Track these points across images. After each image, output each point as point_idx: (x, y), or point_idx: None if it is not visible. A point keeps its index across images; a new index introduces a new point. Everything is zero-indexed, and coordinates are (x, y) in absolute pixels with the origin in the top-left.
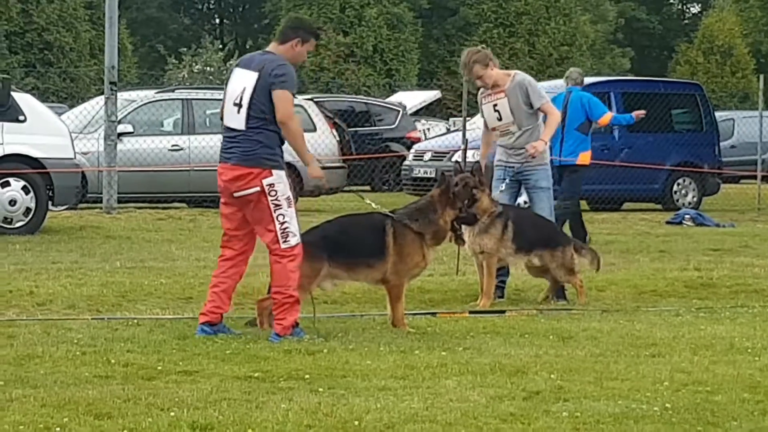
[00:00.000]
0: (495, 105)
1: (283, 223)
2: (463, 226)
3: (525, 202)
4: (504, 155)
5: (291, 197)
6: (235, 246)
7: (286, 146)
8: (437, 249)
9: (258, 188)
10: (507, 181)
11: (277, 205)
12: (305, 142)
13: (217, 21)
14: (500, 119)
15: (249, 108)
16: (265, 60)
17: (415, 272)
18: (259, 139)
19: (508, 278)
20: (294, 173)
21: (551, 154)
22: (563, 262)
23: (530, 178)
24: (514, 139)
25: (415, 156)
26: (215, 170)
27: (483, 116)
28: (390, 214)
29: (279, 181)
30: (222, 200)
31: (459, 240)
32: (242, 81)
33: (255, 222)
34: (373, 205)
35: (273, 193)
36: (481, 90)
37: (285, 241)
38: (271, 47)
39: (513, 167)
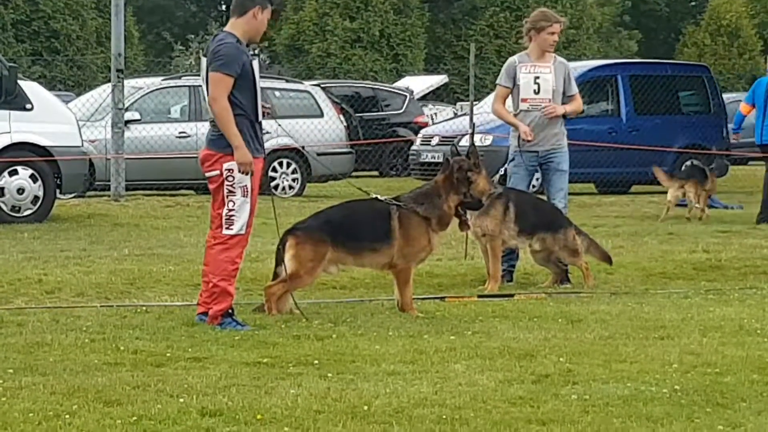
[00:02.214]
0: (537, 77)
1: (230, 210)
2: (468, 212)
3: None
4: (524, 143)
5: (248, 187)
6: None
7: (309, 133)
8: (444, 234)
9: (218, 171)
10: (525, 166)
11: (230, 191)
12: (232, 124)
13: (224, 7)
14: (537, 92)
15: (208, 94)
16: (211, 43)
17: (422, 257)
18: None
19: (517, 262)
20: (302, 159)
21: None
22: (566, 244)
23: (553, 160)
24: (541, 117)
25: (422, 141)
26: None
27: (510, 83)
28: (392, 201)
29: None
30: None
31: (464, 225)
32: (204, 68)
33: (219, 205)
34: (372, 194)
35: (230, 178)
36: (519, 58)
37: (227, 228)
38: (229, 25)
39: (534, 153)
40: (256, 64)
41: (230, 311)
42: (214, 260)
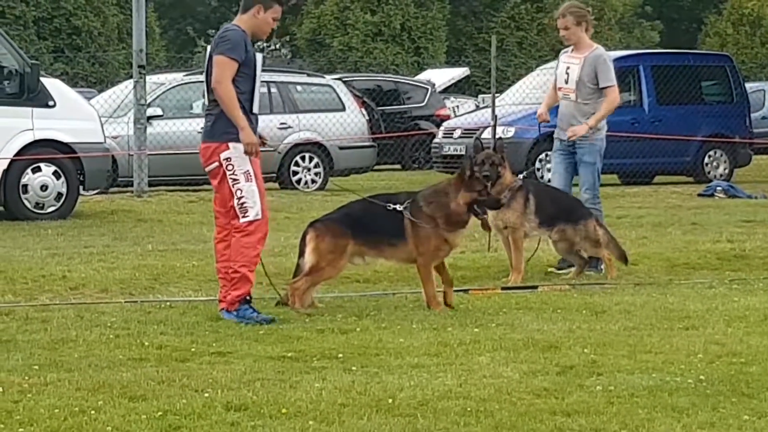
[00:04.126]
0: (568, 67)
1: (240, 198)
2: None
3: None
4: (559, 129)
5: (251, 171)
6: (223, 224)
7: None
8: (463, 232)
9: (217, 163)
10: (559, 152)
11: (234, 179)
12: (236, 107)
13: None
14: (567, 82)
15: (207, 84)
16: (217, 35)
17: (440, 255)
18: (217, 113)
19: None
20: (324, 153)
21: None
22: (587, 235)
23: (577, 151)
24: (570, 106)
25: (444, 133)
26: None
27: (556, 73)
28: (405, 204)
29: (236, 155)
30: None
31: (485, 226)
32: (207, 58)
33: (225, 198)
34: (358, 195)
35: (230, 167)
36: (566, 49)
37: (243, 216)
38: (236, 19)
39: (563, 140)
40: (260, 57)
41: (248, 298)
42: (235, 249)
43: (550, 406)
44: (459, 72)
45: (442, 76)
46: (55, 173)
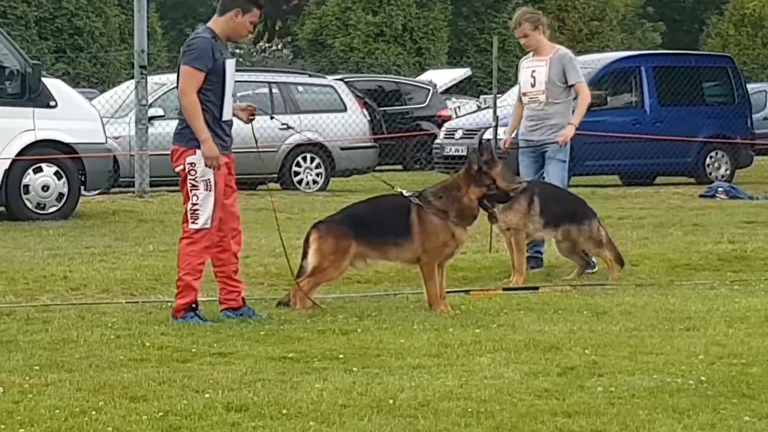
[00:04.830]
0: (533, 71)
1: (194, 204)
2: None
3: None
4: (526, 131)
5: (212, 180)
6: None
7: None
8: (469, 228)
9: (182, 166)
10: (527, 154)
11: (193, 185)
12: (199, 118)
13: None
14: (533, 86)
15: (177, 89)
16: (186, 42)
17: (446, 252)
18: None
19: (543, 247)
20: (325, 153)
21: None
22: (591, 235)
23: (548, 148)
24: (540, 108)
25: (446, 134)
26: (245, 152)
27: (519, 81)
28: (415, 194)
29: (201, 161)
30: None
31: (493, 218)
32: (177, 67)
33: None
34: (396, 188)
35: (192, 172)
36: (525, 56)
37: (193, 222)
38: (211, 21)
39: (533, 141)
40: (231, 63)
41: (194, 305)
42: (180, 255)
43: (551, 407)
44: (460, 72)
45: (443, 77)
46: (56, 173)
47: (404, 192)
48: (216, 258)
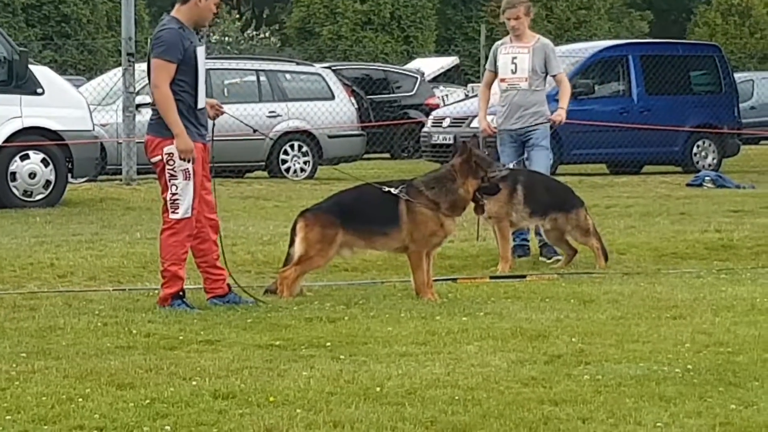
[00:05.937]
0: (514, 57)
1: (174, 194)
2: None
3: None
4: (505, 120)
5: (190, 170)
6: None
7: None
8: (458, 219)
9: (160, 157)
10: (508, 144)
11: (172, 175)
12: (173, 111)
13: None
14: (514, 72)
15: (149, 80)
16: (153, 34)
17: (435, 241)
18: None
19: (529, 235)
20: (313, 142)
21: None
22: (578, 224)
23: (531, 136)
24: (519, 96)
25: (433, 123)
26: (233, 140)
27: (493, 66)
28: (401, 187)
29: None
30: None
31: (479, 209)
32: (147, 59)
33: (164, 190)
34: (384, 188)
35: (171, 162)
36: (502, 41)
37: (173, 212)
38: (174, 10)
39: (514, 130)
40: (202, 50)
41: (181, 293)
42: (163, 245)
43: (537, 395)
44: (448, 61)
45: (431, 65)
46: (43, 161)
47: (392, 190)
48: (197, 249)
